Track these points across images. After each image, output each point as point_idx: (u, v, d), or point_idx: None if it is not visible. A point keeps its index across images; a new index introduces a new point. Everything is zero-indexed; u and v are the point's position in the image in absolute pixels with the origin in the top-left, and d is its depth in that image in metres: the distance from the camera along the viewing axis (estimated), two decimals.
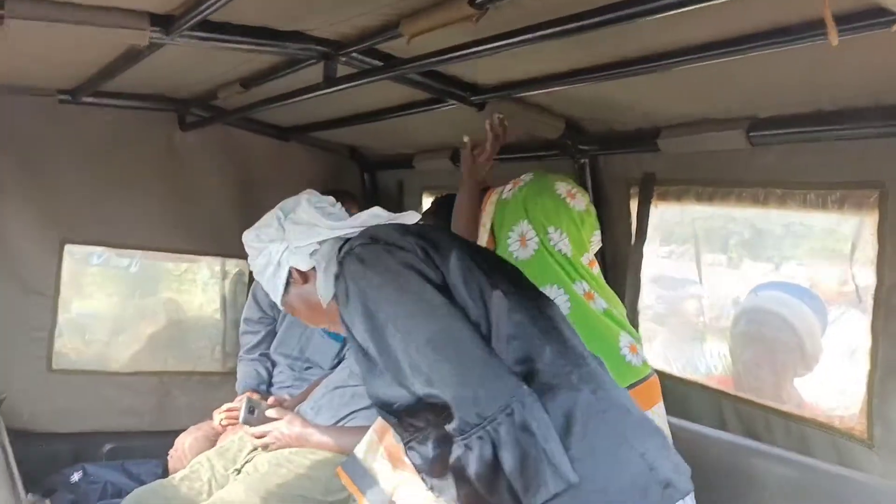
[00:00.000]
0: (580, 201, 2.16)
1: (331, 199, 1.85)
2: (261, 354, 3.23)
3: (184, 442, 2.91)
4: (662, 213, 2.36)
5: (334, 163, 3.70)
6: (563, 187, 2.17)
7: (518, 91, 2.15)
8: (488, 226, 2.22)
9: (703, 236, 2.48)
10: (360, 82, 1.99)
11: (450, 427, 1.33)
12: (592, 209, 2.20)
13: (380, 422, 2.30)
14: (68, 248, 3.20)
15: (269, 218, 1.79)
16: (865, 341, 1.77)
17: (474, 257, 1.53)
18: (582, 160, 2.50)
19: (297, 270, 1.73)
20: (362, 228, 1.66)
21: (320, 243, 1.70)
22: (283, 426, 2.56)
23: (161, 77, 2.87)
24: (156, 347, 3.45)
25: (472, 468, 1.31)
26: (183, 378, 3.43)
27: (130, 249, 3.40)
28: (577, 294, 2.06)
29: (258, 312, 3.26)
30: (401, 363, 1.41)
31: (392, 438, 2.21)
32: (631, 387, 1.94)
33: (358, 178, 3.74)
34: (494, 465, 1.29)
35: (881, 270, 1.75)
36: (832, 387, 2.04)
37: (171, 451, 2.92)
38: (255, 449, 2.60)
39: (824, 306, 2.20)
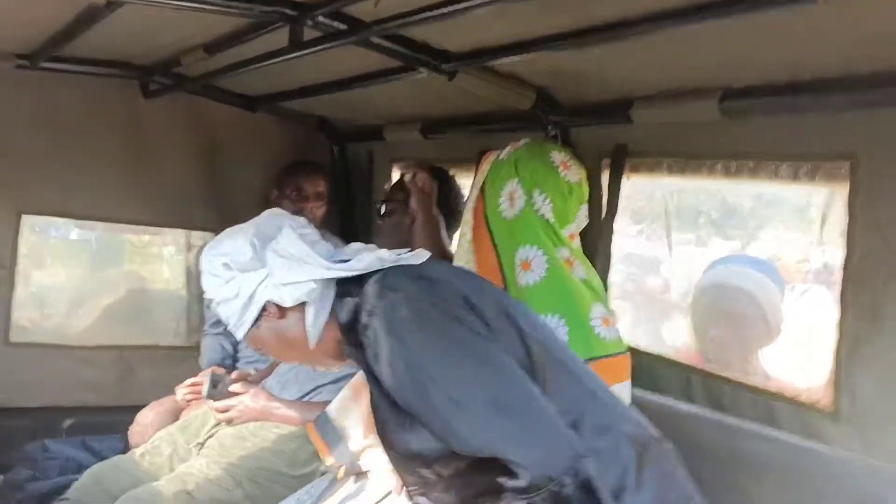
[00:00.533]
0: (573, 173, 2.15)
1: (312, 228, 1.70)
2: (225, 329, 3.14)
3: (146, 417, 2.87)
4: (634, 187, 2.33)
5: (302, 134, 3.63)
6: (558, 156, 2.15)
7: (489, 59, 2.11)
8: (480, 185, 2.19)
9: (675, 212, 2.47)
10: (326, 46, 1.94)
11: (513, 484, 1.29)
12: (586, 185, 2.18)
13: (355, 383, 2.26)
14: (26, 218, 3.12)
15: (240, 243, 1.60)
16: (834, 313, 1.76)
17: (508, 300, 1.51)
18: (553, 132, 2.46)
19: (277, 305, 1.58)
20: (363, 272, 1.53)
21: (315, 282, 1.56)
22: (247, 400, 2.50)
23: (122, 42, 2.78)
24: (117, 321, 3.38)
25: None
26: (146, 352, 3.37)
27: (91, 221, 3.32)
28: (557, 258, 2.04)
29: None
30: (451, 422, 1.34)
31: (367, 403, 2.18)
32: (594, 360, 1.92)
33: (327, 149, 3.67)
34: None
35: (851, 242, 1.74)
36: (798, 360, 2.05)
37: (133, 427, 2.87)
38: (219, 424, 2.56)
39: (780, 276, 2.21)
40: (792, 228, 1.92)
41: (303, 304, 1.57)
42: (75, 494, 2.37)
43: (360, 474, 2.19)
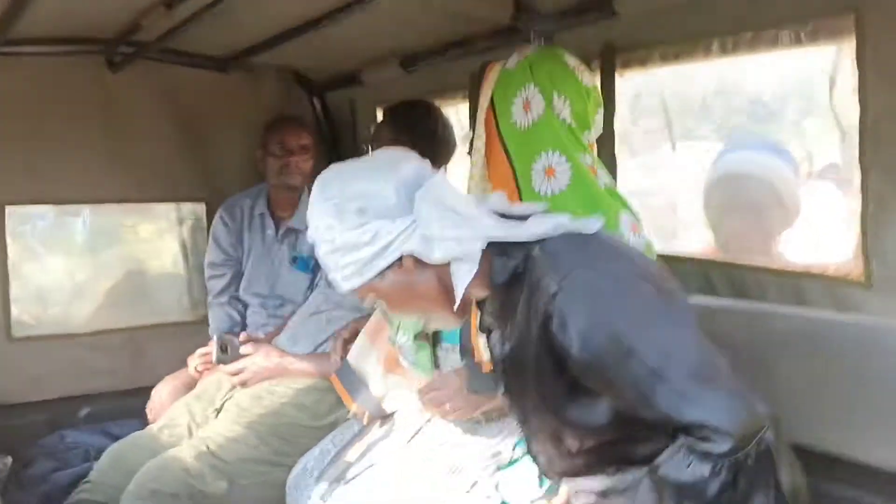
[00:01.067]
0: (588, 77, 2.02)
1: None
2: (230, 297, 3.12)
3: (161, 393, 2.83)
4: (629, 85, 2.23)
5: (279, 90, 3.51)
6: (572, 59, 2.02)
7: None
8: (489, 97, 2.06)
9: (677, 108, 2.37)
10: None
11: (703, 447, 1.25)
12: (598, 89, 2.06)
13: (371, 325, 2.20)
14: (10, 210, 3.02)
15: (380, 187, 1.43)
16: (855, 177, 1.67)
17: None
18: (537, 41, 2.35)
19: (415, 258, 1.45)
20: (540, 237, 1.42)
21: (476, 239, 1.42)
22: (259, 359, 2.46)
23: (78, 12, 2.66)
24: (119, 303, 3.30)
25: (712, 490, 1.25)
26: (153, 331, 3.29)
27: (77, 205, 3.23)
28: (582, 165, 1.93)
29: (221, 255, 3.14)
30: (648, 393, 1.29)
31: (386, 343, 2.12)
32: None
33: (307, 103, 3.55)
34: (732, 490, 1.26)
35: (864, 99, 1.64)
36: (823, 236, 1.96)
37: (149, 405, 2.83)
38: (234, 387, 2.51)
39: (793, 156, 2.12)
40: (801, 100, 1.82)
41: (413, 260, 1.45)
42: (96, 476, 2.32)
43: (385, 418, 2.15)
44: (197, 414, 2.42)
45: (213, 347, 2.55)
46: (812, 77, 1.79)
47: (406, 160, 1.50)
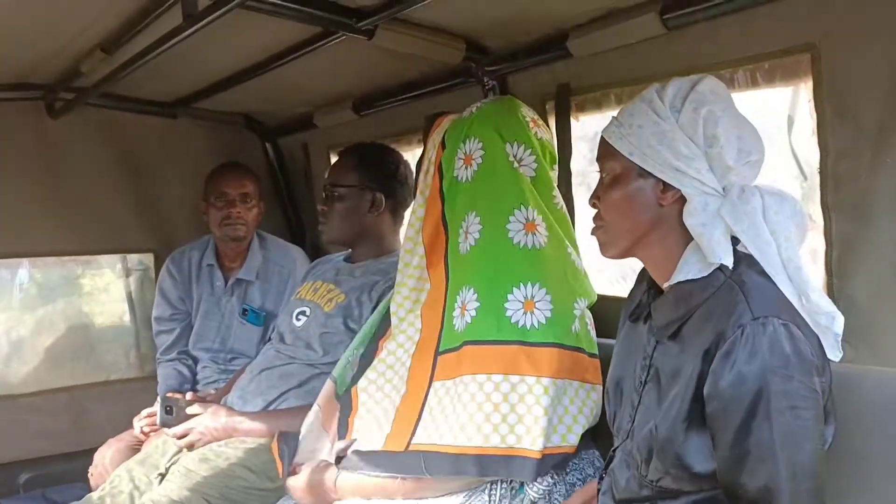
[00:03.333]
0: (544, 132, 1.97)
1: None
2: (179, 353, 3.02)
3: (104, 456, 2.70)
4: (591, 123, 2.19)
5: (230, 136, 3.44)
6: (528, 112, 1.97)
7: (406, 7, 1.94)
8: (436, 148, 2.00)
9: None
10: (221, 11, 1.75)
11: None
12: (552, 145, 2.01)
13: (324, 405, 2.11)
14: None
15: (744, 142, 1.37)
16: (818, 220, 1.63)
17: None
18: (490, 83, 2.32)
19: (679, 197, 1.39)
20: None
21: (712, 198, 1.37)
22: (206, 419, 2.35)
23: (15, 56, 2.57)
24: (62, 361, 3.18)
25: None
26: (98, 390, 3.17)
27: (16, 258, 3.11)
28: (555, 227, 1.87)
29: (168, 309, 3.03)
30: (744, 461, 1.27)
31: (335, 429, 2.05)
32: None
33: (258, 148, 3.49)
34: None
35: (823, 140, 1.61)
36: None
37: (91, 468, 2.71)
38: (181, 451, 2.38)
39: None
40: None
41: (683, 234, 1.40)
42: None
43: None
44: (140, 480, 2.29)
45: (157, 409, 2.43)
46: (770, 119, 1.75)
47: (763, 154, 1.43)
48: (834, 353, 1.35)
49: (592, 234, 1.52)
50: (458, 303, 1.85)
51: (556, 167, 2.00)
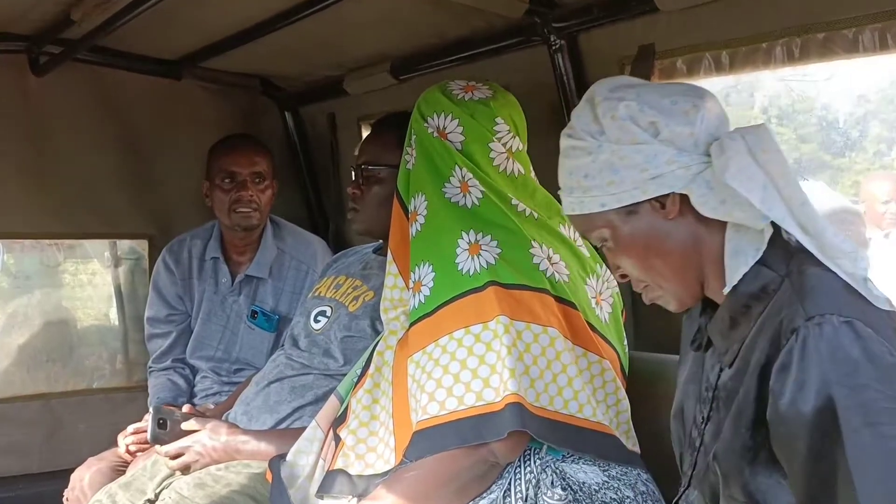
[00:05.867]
0: (481, 92, 2.12)
1: None
2: (175, 361, 3.10)
3: (81, 478, 2.75)
4: None
5: (243, 102, 3.52)
6: (458, 83, 2.14)
7: None
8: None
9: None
10: None
11: None
12: (500, 101, 2.12)
13: (325, 420, 2.16)
14: None
15: (685, 107, 1.43)
16: None
17: None
18: (557, 42, 2.35)
19: (682, 202, 1.44)
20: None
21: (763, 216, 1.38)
22: (204, 437, 2.39)
23: None
24: (36, 363, 3.27)
25: None
26: (78, 400, 3.25)
27: None
28: (489, 182, 2.05)
29: (164, 309, 3.11)
30: (823, 491, 1.26)
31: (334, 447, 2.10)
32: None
33: (276, 118, 3.56)
34: None
35: None
36: None
37: (67, 492, 2.76)
38: (173, 474, 2.44)
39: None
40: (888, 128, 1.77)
41: (720, 226, 1.44)
42: None
43: None
44: None
45: (148, 422, 2.49)
46: None
47: (713, 99, 1.49)
48: (880, 302, 1.32)
49: (651, 302, 1.56)
50: (411, 283, 2.04)
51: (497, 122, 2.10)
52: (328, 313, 2.49)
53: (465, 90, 2.12)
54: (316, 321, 2.49)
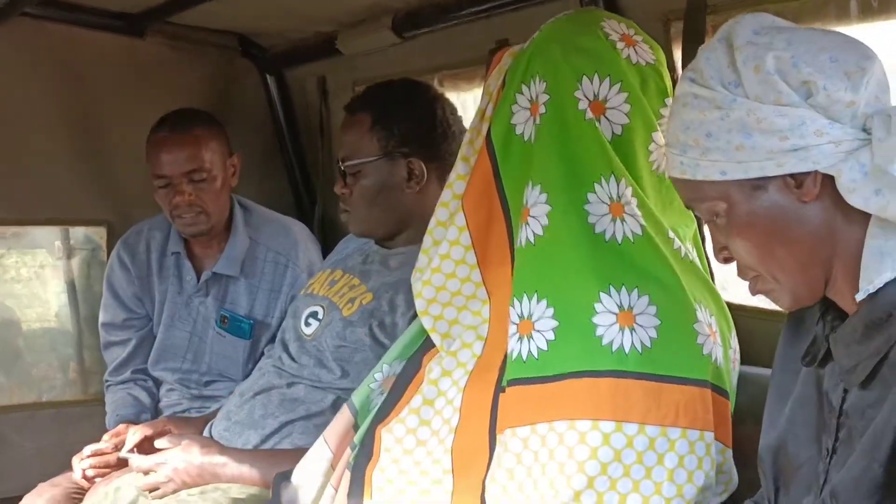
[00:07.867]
0: (643, 51, 1.94)
1: None
2: (135, 372, 3.14)
3: None
4: None
5: (219, 65, 3.55)
6: (616, 26, 1.94)
7: None
8: (493, 93, 2.02)
9: None
10: None
11: None
12: (665, 70, 1.98)
13: (335, 437, 2.18)
14: None
15: (841, 63, 1.34)
16: None
17: None
18: None
19: (823, 183, 1.37)
20: None
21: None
22: (176, 457, 2.43)
23: None
24: None
25: None
26: (24, 415, 3.29)
27: None
28: (649, 205, 1.85)
29: (121, 312, 3.14)
30: None
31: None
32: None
33: (258, 83, 3.59)
34: None
35: None
36: None
37: None
38: (140, 494, 2.48)
39: None
40: None
41: (862, 218, 1.36)
42: None
43: None
44: None
45: (108, 443, 2.53)
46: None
47: (879, 61, 1.40)
48: None
49: (758, 294, 1.50)
50: (516, 317, 1.87)
51: (667, 100, 1.93)
52: (320, 315, 2.51)
53: (626, 43, 1.91)
54: (307, 324, 2.52)
